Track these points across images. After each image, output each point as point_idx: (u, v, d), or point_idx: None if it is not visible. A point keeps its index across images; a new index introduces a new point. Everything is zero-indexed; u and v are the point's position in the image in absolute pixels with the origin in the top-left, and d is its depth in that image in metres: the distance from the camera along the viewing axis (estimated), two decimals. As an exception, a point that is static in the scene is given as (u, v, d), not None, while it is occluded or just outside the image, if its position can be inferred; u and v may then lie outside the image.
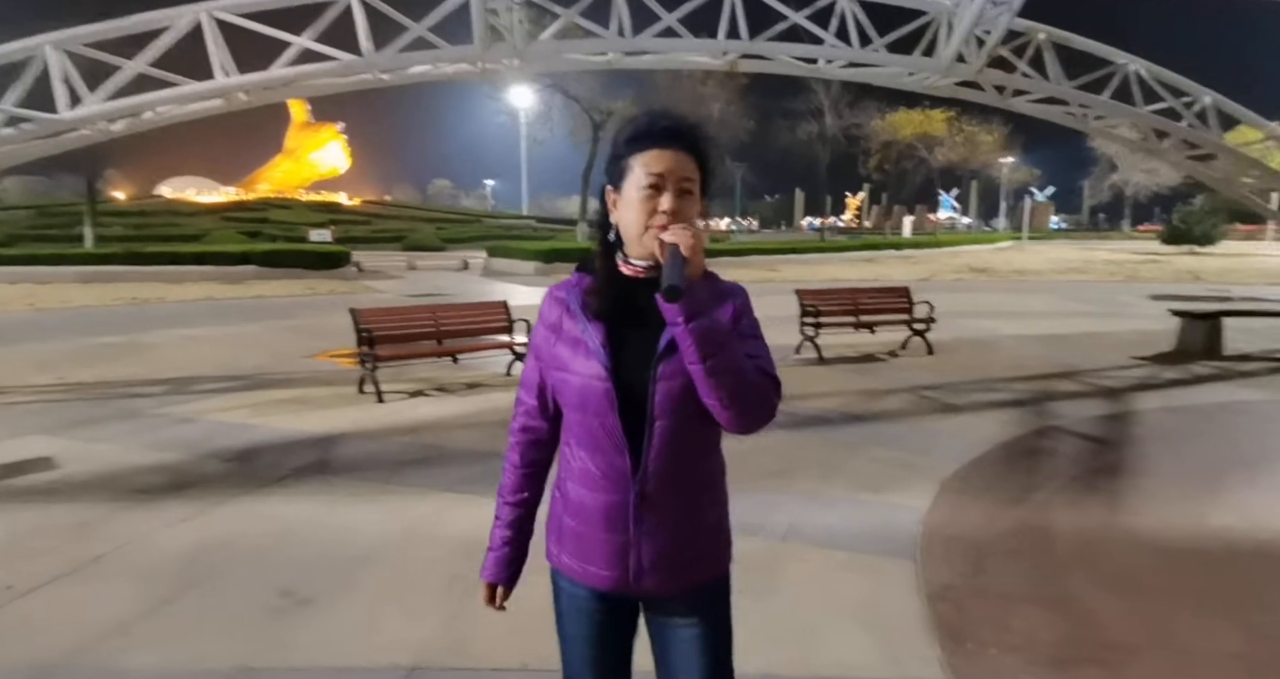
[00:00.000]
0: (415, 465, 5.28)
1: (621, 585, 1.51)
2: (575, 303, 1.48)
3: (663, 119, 1.45)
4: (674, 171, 1.40)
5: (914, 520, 4.20)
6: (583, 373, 1.44)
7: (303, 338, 10.96)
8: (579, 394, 1.45)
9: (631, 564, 1.48)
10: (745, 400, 1.37)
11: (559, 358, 1.48)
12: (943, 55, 7.85)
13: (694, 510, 1.53)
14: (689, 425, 1.44)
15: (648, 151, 1.41)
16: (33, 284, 19.22)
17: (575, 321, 1.48)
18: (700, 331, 1.32)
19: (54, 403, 7.14)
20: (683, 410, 1.41)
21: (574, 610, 1.61)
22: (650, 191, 1.40)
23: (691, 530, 1.52)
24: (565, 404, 1.51)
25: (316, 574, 3.56)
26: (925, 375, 8.32)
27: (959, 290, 18.77)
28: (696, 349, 1.33)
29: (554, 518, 1.61)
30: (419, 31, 6.52)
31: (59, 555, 3.75)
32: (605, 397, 1.42)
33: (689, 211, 1.41)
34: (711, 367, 1.33)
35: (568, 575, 1.59)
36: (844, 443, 5.71)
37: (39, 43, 6.11)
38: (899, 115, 52.19)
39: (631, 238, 1.44)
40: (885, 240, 42.72)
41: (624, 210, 1.44)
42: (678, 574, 1.51)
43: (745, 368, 1.37)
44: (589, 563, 1.52)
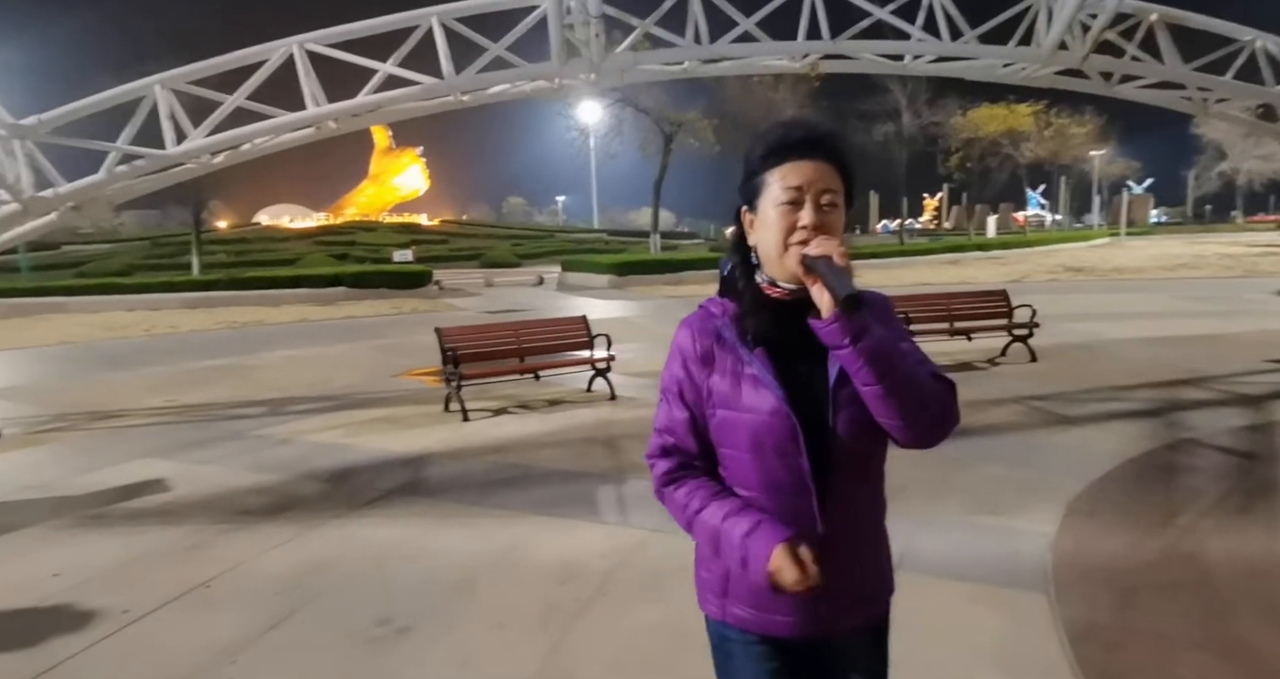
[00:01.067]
0: (503, 486, 5.24)
1: (805, 631, 1.40)
2: (728, 331, 1.36)
3: (797, 129, 1.33)
4: (814, 183, 1.28)
5: (1042, 547, 3.84)
6: (755, 409, 1.31)
7: (390, 356, 11.24)
8: (753, 433, 1.32)
9: (820, 608, 1.37)
10: (929, 413, 1.26)
11: (719, 394, 1.35)
12: (1044, 43, 7.36)
13: (875, 541, 1.46)
14: (870, 453, 1.37)
15: (784, 165, 1.29)
16: (147, 311, 20.54)
17: (732, 352, 1.35)
18: (870, 351, 1.20)
19: (165, 425, 7.49)
20: (865, 438, 1.31)
21: (751, 664, 1.45)
22: (789, 207, 1.28)
23: (872, 564, 1.46)
24: (730, 445, 1.36)
25: (413, 601, 3.52)
26: (1032, 384, 7.78)
27: (1055, 291, 17.74)
28: (870, 370, 1.21)
29: (715, 568, 1.44)
30: (497, 51, 6.55)
31: (171, 579, 3.84)
32: (789, 433, 1.29)
33: (834, 225, 1.28)
34: (890, 385, 1.21)
35: (741, 627, 1.44)
36: (950, 459, 5.34)
37: (148, 83, 6.44)
38: (981, 111, 50.11)
39: (771, 259, 1.31)
40: (970, 241, 41.01)
41: (761, 230, 1.32)
42: (860, 611, 1.44)
43: (920, 380, 1.26)
44: (770, 611, 1.39)
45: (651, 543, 4.06)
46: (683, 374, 1.40)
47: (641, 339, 11.96)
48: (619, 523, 4.47)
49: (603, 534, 4.27)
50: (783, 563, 1.24)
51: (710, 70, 8.02)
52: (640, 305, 18.30)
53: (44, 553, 4.28)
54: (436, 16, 6.47)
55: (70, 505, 5.07)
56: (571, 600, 3.47)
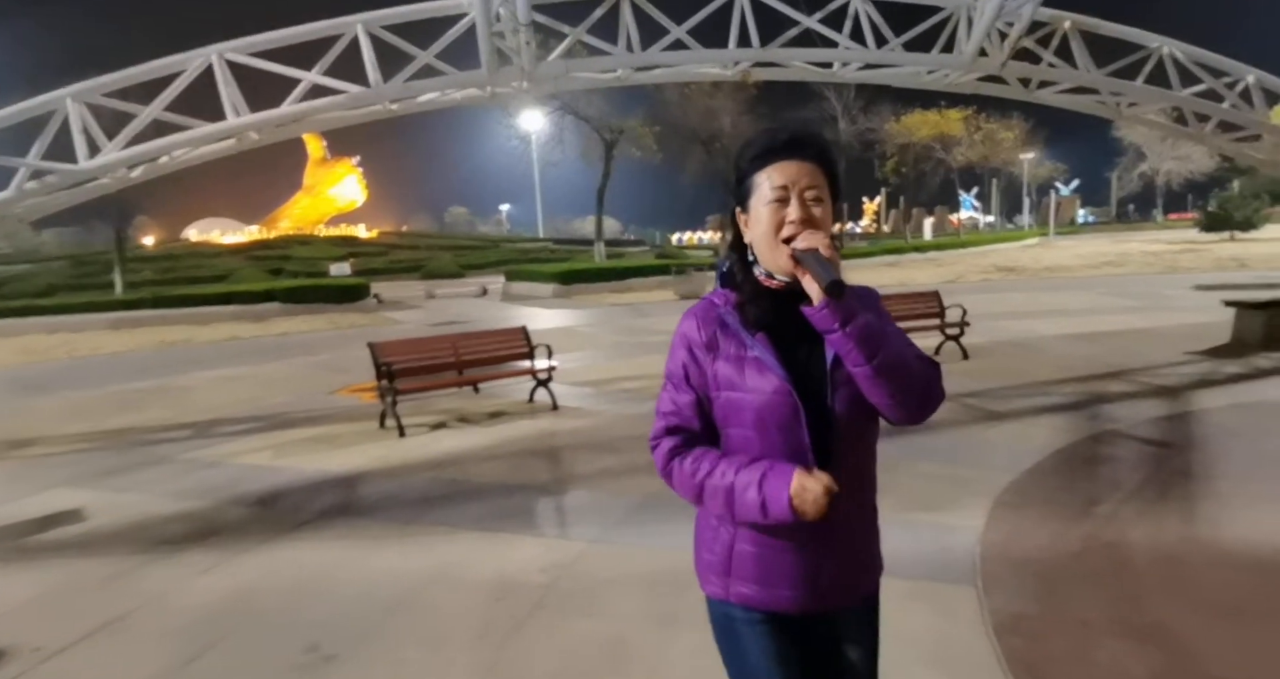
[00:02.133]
0: (440, 502, 5.12)
1: (810, 604, 1.48)
2: (731, 318, 1.46)
3: (781, 132, 1.43)
4: (798, 181, 1.38)
5: (971, 541, 3.93)
6: (759, 389, 1.40)
7: (325, 373, 10.92)
8: (757, 411, 1.40)
9: (822, 580, 1.47)
10: (917, 390, 1.37)
11: (724, 377, 1.44)
12: (964, 50, 7.62)
13: (869, 517, 1.56)
14: (865, 431, 1.46)
15: (771, 165, 1.40)
16: (68, 332, 19.55)
17: (733, 338, 1.45)
18: (858, 334, 1.31)
19: (86, 452, 7.11)
20: (861, 416, 1.41)
21: (756, 638, 1.51)
22: (777, 204, 1.39)
23: (867, 539, 1.55)
24: (735, 424, 1.44)
25: (343, 626, 3.40)
26: (964, 382, 7.99)
27: (988, 291, 18.33)
28: (860, 351, 1.32)
29: (718, 548, 1.52)
30: (426, 59, 6.45)
31: (87, 613, 3.65)
32: (791, 411, 1.38)
33: (821, 219, 1.39)
34: (879, 364, 1.32)
35: (745, 604, 1.50)
36: (889, 458, 5.32)
37: (59, 96, 6.15)
38: (914, 117, 51.68)
39: (765, 254, 1.42)
40: (908, 244, 42.15)
41: (754, 228, 1.43)
42: (860, 584, 1.54)
43: (909, 360, 1.36)
44: (775, 586, 1.47)
45: (590, 554, 4.02)
46: (688, 359, 1.48)
47: (586, 348, 11.91)
48: (558, 536, 4.41)
49: (541, 548, 4.21)
50: (804, 481, 1.33)
51: (643, 78, 8.06)
52: (585, 314, 18.24)
53: (-54, 592, 4.01)
54: (362, 24, 6.34)
55: (-23, 541, 4.76)
56: (508, 616, 3.40)
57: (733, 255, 1.50)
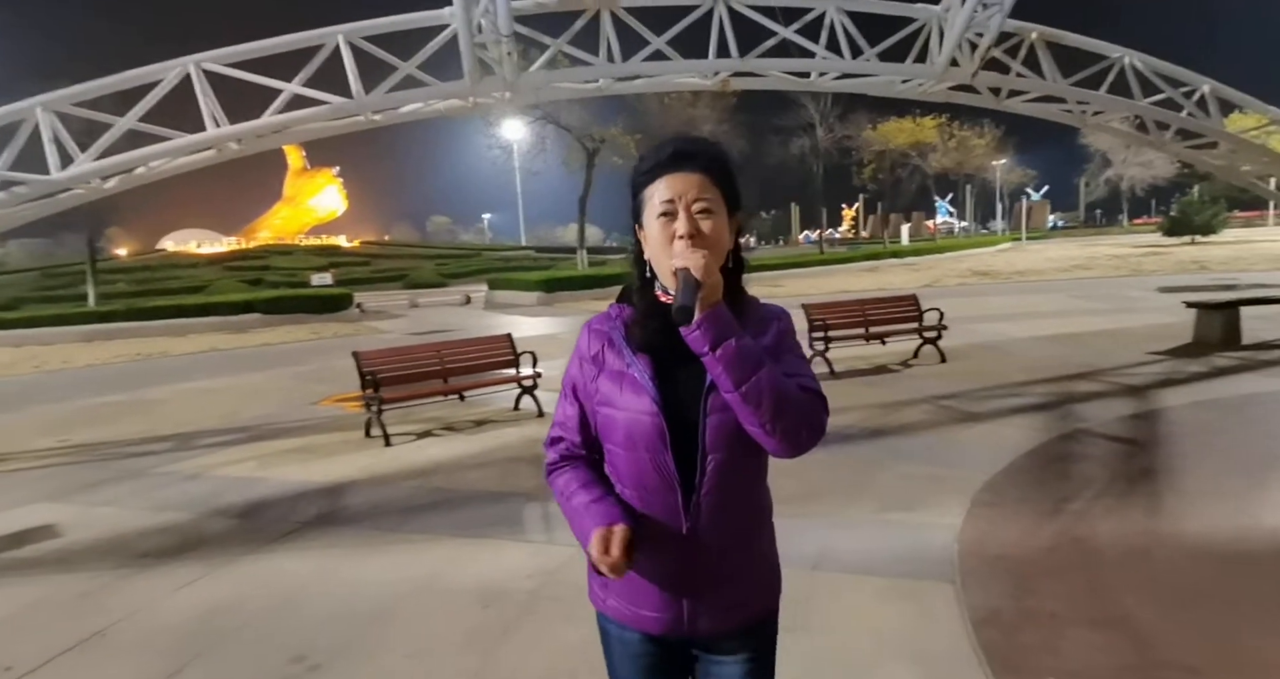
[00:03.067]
0: (426, 510, 5.13)
1: (675, 628, 1.44)
2: (618, 335, 1.43)
3: (667, 146, 1.39)
4: (684, 194, 1.34)
5: (949, 540, 4.02)
6: (631, 408, 1.38)
7: (308, 384, 10.85)
8: (626, 430, 1.38)
9: (685, 605, 1.42)
10: (788, 422, 1.29)
11: (603, 393, 1.42)
12: (936, 61, 7.80)
13: (746, 546, 1.46)
14: (740, 458, 1.39)
15: (660, 179, 1.37)
16: (37, 346, 19.23)
17: (619, 355, 1.42)
18: (727, 358, 1.26)
19: (58, 467, 7.01)
20: (735, 443, 1.35)
21: (626, 656, 1.51)
22: (666, 219, 1.35)
23: (744, 567, 1.46)
24: (610, 441, 1.43)
25: (328, 636, 3.40)
26: (941, 384, 8.14)
27: (964, 295, 18.60)
28: (727, 376, 1.27)
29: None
30: (408, 70, 6.49)
31: (61, 631, 3.60)
32: (657, 432, 1.35)
33: (712, 231, 1.35)
34: (746, 392, 1.26)
35: (617, 620, 1.49)
36: (867, 460, 5.53)
37: (30, 105, 6.09)
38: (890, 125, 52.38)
39: (662, 270, 1.38)
40: (886, 249, 42.65)
41: (649, 244, 1.40)
42: (732, 613, 1.46)
43: (784, 388, 1.29)
44: (640, 606, 1.44)
45: (578, 559, 4.01)
46: (577, 372, 1.48)
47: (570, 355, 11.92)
48: (545, 541, 4.43)
49: (528, 553, 4.23)
50: (595, 542, 1.31)
51: (625, 88, 8.15)
52: (569, 321, 18.25)
53: (-82, 611, 3.94)
54: (343, 35, 6.36)
55: (-51, 558, 4.68)
56: (496, 623, 3.42)
57: (634, 271, 1.47)
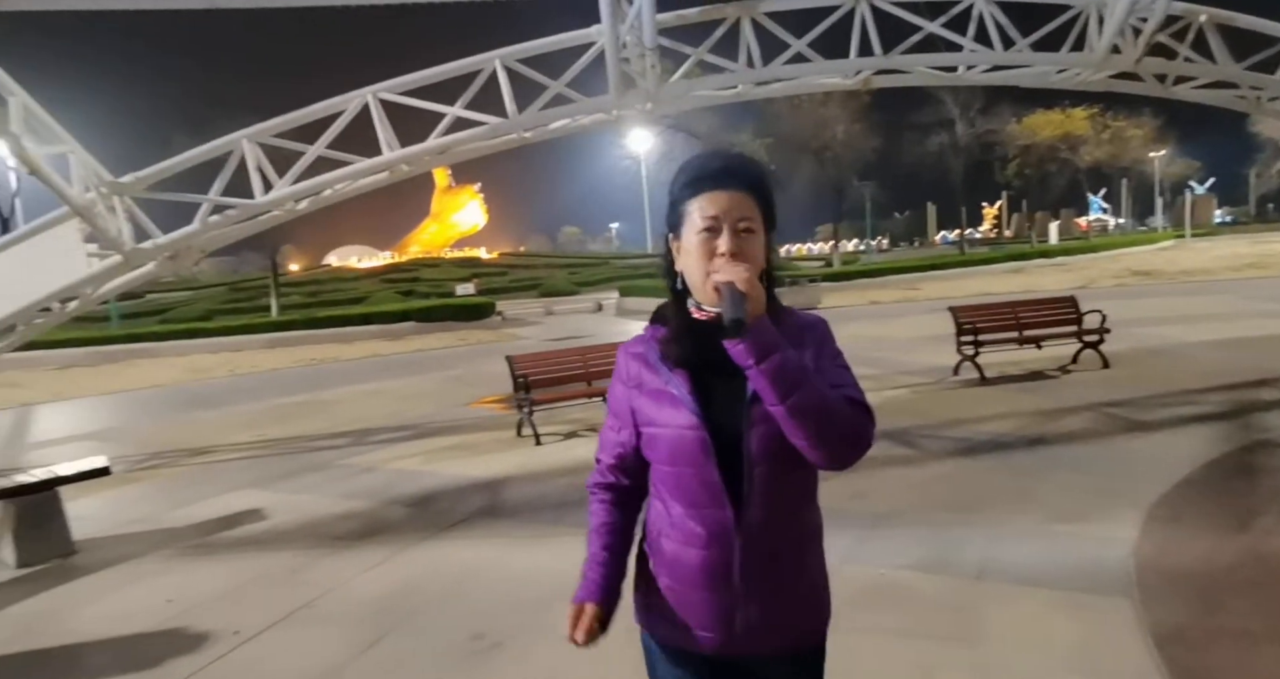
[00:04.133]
0: (579, 506, 5.28)
1: (723, 648, 1.42)
2: (653, 354, 1.44)
3: (714, 160, 1.40)
4: (730, 212, 1.34)
5: (1123, 553, 3.78)
6: (672, 424, 1.38)
7: (460, 386, 11.60)
8: (670, 447, 1.39)
9: (736, 624, 1.40)
10: (834, 435, 1.29)
11: (644, 412, 1.43)
12: (1096, 48, 7.30)
13: (798, 564, 1.44)
14: (787, 471, 1.37)
15: (702, 194, 1.36)
16: (229, 352, 21.62)
17: (657, 374, 1.42)
18: (773, 371, 1.26)
19: (256, 458, 7.92)
20: (780, 456, 1.34)
21: (665, 671, 1.51)
22: (707, 234, 1.34)
23: (796, 586, 1.44)
24: (656, 459, 1.44)
25: (502, 618, 3.68)
26: (1105, 391, 7.58)
27: (1123, 296, 17.12)
28: (774, 390, 1.26)
29: (640, 582, 1.52)
30: (558, 88, 6.85)
31: (276, 601, 4.09)
32: (700, 446, 1.35)
33: (751, 251, 1.35)
34: (793, 405, 1.26)
35: (662, 641, 1.49)
36: (1026, 469, 5.28)
37: (237, 138, 6.95)
38: (1036, 117, 49.02)
39: (696, 285, 1.38)
40: (1033, 249, 39.90)
41: (685, 257, 1.39)
42: (782, 633, 1.43)
43: (829, 401, 1.29)
44: (686, 626, 1.43)
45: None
46: (619, 393, 1.50)
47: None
48: (694, 539, 4.55)
49: (679, 550, 4.36)
50: (570, 615, 1.45)
51: (763, 92, 8.18)
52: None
53: (156, 580, 4.58)
54: (499, 59, 6.81)
55: (175, 536, 5.40)
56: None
57: (665, 283, 1.46)
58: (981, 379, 8.68)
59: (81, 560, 5.02)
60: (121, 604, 4.26)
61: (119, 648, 3.71)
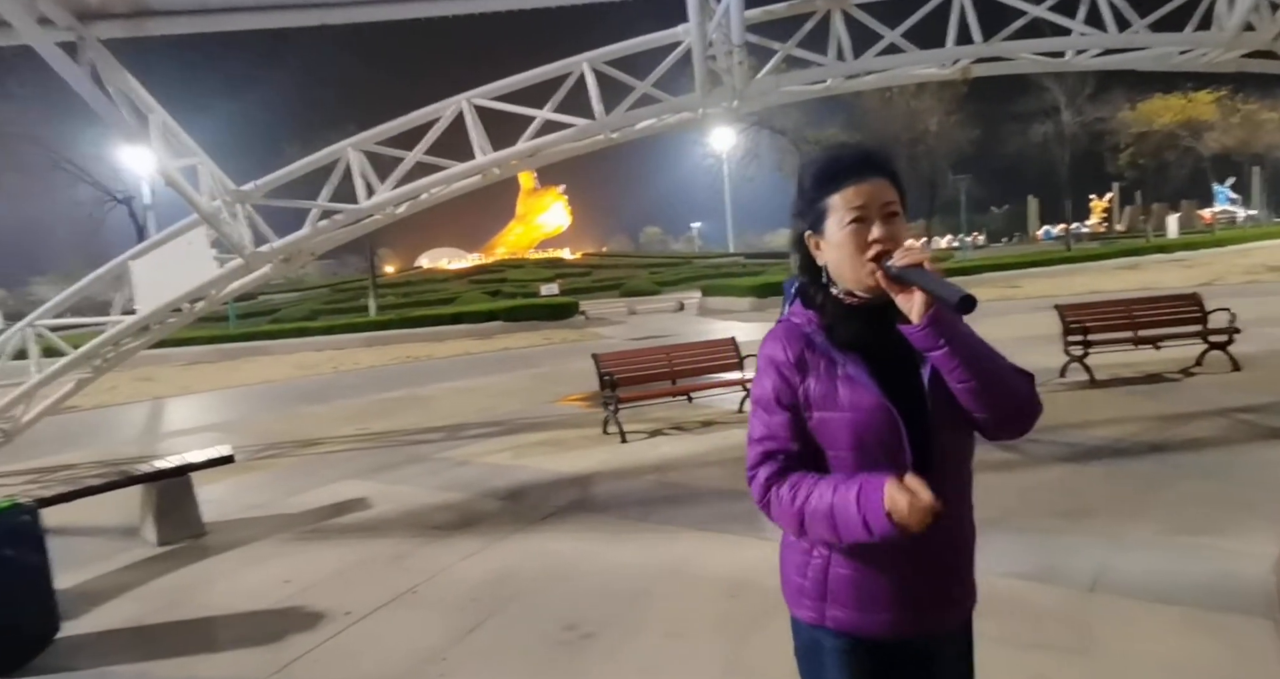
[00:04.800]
0: (665, 503, 5.41)
1: (906, 628, 1.44)
2: (818, 337, 1.42)
3: (847, 151, 1.43)
4: (875, 199, 1.37)
5: (1262, 570, 3.49)
6: (858, 407, 1.36)
7: (546, 384, 11.84)
8: (854, 430, 1.36)
9: (921, 601, 1.43)
10: (1019, 403, 1.35)
11: (818, 396, 1.39)
12: (1226, 26, 6.74)
13: (968, 543, 1.50)
14: (962, 448, 1.44)
15: (844, 188, 1.38)
16: (333, 350, 22.81)
17: (823, 357, 1.41)
18: (962, 350, 1.30)
19: (359, 450, 8.31)
20: (959, 434, 1.40)
21: (843, 667, 1.47)
22: (857, 225, 1.37)
23: (967, 562, 1.50)
24: (835, 446, 1.40)
25: (594, 609, 3.73)
26: (1236, 395, 7.01)
27: (1256, 294, 15.76)
28: (964, 368, 1.30)
29: (811, 573, 1.47)
30: (644, 89, 6.88)
31: (383, 585, 4.29)
32: (892, 428, 1.35)
33: (900, 235, 1.37)
34: (984, 381, 1.30)
35: (839, 629, 1.46)
36: (1145, 476, 4.94)
37: (342, 147, 7.32)
38: (1154, 102, 45.75)
39: (845, 276, 1.40)
40: (1148, 243, 37.32)
41: (833, 250, 1.40)
42: (959, 606, 1.49)
43: (1007, 372, 1.34)
44: (870, 610, 1.43)
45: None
46: (778, 380, 1.44)
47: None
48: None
49: (767, 551, 4.24)
50: (895, 493, 1.24)
51: (854, 85, 7.97)
52: (785, 327, 18.13)
53: (274, 562, 4.90)
54: (587, 62, 6.90)
55: (290, 522, 5.76)
56: (744, 613, 3.54)
57: (806, 278, 1.48)
58: (1091, 381, 8.18)
59: (211, 541, 5.42)
60: (247, 582, 4.58)
61: (246, 623, 3.99)
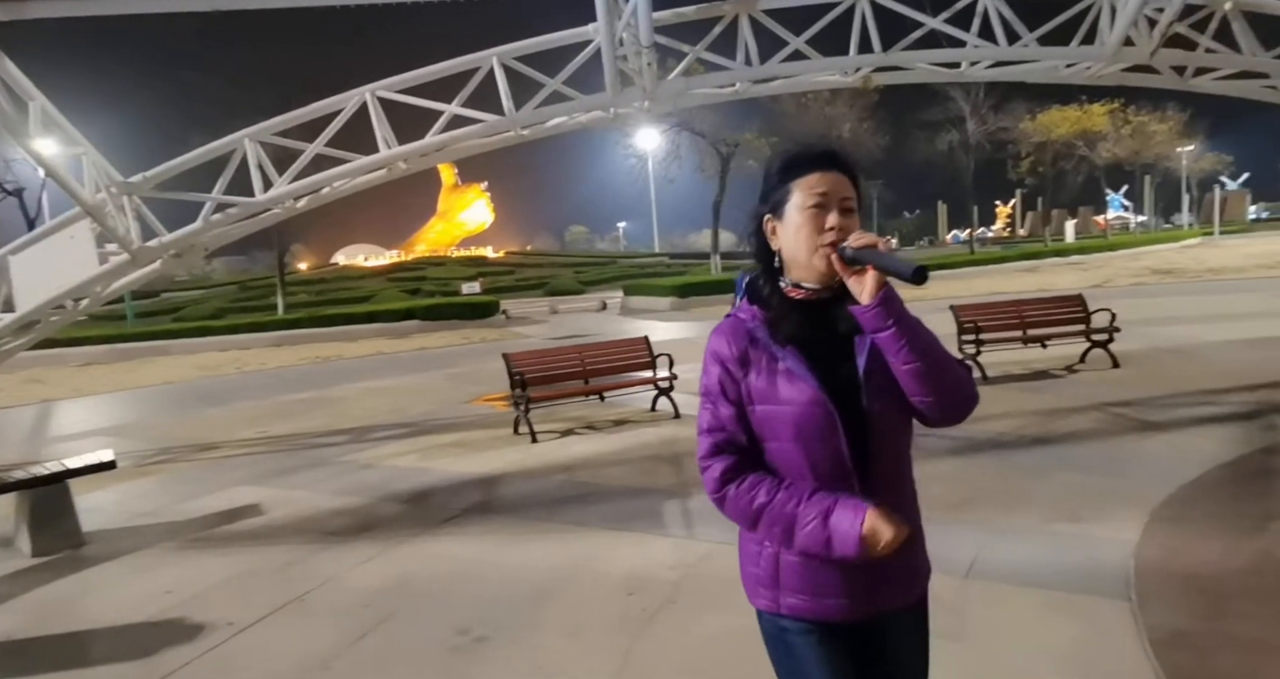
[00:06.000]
0: (574, 503, 5.38)
1: (858, 611, 1.49)
2: (760, 332, 1.48)
3: (818, 146, 1.51)
4: (836, 191, 1.44)
5: (1123, 555, 3.72)
6: (795, 400, 1.41)
7: (461, 384, 11.61)
8: (795, 423, 1.42)
9: (872, 587, 1.48)
10: (954, 389, 1.40)
11: (759, 390, 1.46)
12: (1108, 41, 7.18)
13: (914, 522, 1.53)
14: (899, 435, 1.49)
15: (808, 175, 1.45)
16: (238, 350, 21.74)
17: (764, 352, 1.47)
18: (910, 331, 1.35)
19: (259, 454, 7.95)
20: (895, 421, 1.45)
21: (808, 648, 1.51)
22: (816, 211, 1.43)
23: (915, 542, 1.53)
24: (775, 438, 1.45)
25: (490, 612, 3.67)
26: (1114, 390, 7.50)
27: (1141, 295, 16.94)
28: (910, 349, 1.34)
29: (763, 562, 1.52)
30: (555, 86, 6.84)
31: (270, 593, 4.11)
32: (828, 421, 1.40)
33: (853, 229, 1.43)
34: (929, 363, 1.35)
35: (794, 614, 1.51)
36: (1026, 468, 5.22)
37: (238, 137, 6.99)
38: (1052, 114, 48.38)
39: (799, 261, 1.46)
40: (1047, 247, 39.57)
41: (786, 235, 1.47)
42: (905, 589, 1.54)
43: (949, 358, 1.39)
44: (822, 596, 1.48)
45: (717, 555, 4.10)
46: (724, 374, 1.50)
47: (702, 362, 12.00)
48: (685, 536, 4.53)
49: (670, 546, 4.35)
50: (877, 523, 1.34)
51: (761, 90, 8.13)
52: (703, 326, 18.35)
53: (157, 572, 4.62)
54: (496, 57, 6.80)
55: (177, 530, 5.45)
56: (641, 609, 3.55)
57: (759, 266, 1.53)
58: (983, 378, 8.59)
59: (91, 551, 5.09)
60: (126, 594, 4.32)
61: (122, 636, 3.77)
